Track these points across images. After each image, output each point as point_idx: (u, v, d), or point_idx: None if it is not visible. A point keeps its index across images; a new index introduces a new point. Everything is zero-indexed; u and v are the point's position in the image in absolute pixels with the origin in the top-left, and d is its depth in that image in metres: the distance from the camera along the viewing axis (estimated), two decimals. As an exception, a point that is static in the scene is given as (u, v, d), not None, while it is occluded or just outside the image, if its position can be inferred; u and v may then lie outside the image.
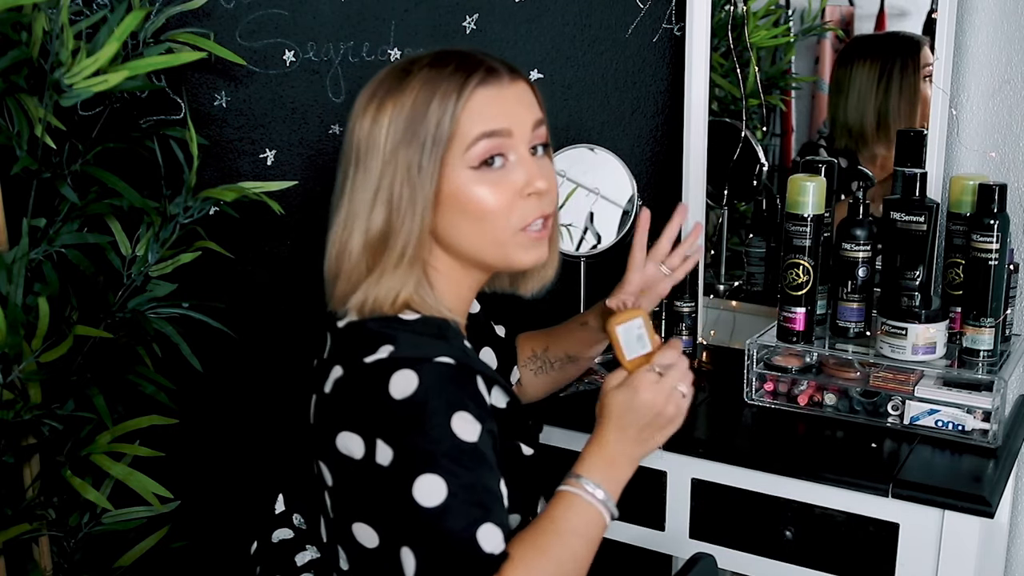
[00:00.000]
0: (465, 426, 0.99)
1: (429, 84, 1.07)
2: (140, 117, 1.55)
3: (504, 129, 1.08)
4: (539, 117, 1.12)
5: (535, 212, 1.10)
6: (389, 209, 1.07)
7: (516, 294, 1.28)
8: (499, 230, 1.09)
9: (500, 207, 1.08)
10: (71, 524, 1.47)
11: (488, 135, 1.07)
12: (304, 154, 1.67)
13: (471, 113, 1.06)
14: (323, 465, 1.08)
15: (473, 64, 1.09)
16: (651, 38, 1.81)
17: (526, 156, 1.10)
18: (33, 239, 1.37)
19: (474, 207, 1.08)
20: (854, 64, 1.71)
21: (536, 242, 1.12)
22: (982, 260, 1.42)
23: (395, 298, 1.07)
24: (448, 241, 1.11)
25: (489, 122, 1.07)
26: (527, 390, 1.46)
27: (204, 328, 1.49)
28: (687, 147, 1.77)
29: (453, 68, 1.08)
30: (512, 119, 1.09)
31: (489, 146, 1.07)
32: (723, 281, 1.88)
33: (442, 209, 1.08)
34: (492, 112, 1.07)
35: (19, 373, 1.32)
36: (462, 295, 1.16)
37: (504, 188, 1.08)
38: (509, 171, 1.09)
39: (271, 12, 1.59)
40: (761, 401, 1.52)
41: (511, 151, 1.09)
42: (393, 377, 0.99)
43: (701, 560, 1.25)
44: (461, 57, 1.10)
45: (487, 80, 1.08)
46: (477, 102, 1.07)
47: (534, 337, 1.47)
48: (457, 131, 1.06)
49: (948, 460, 1.36)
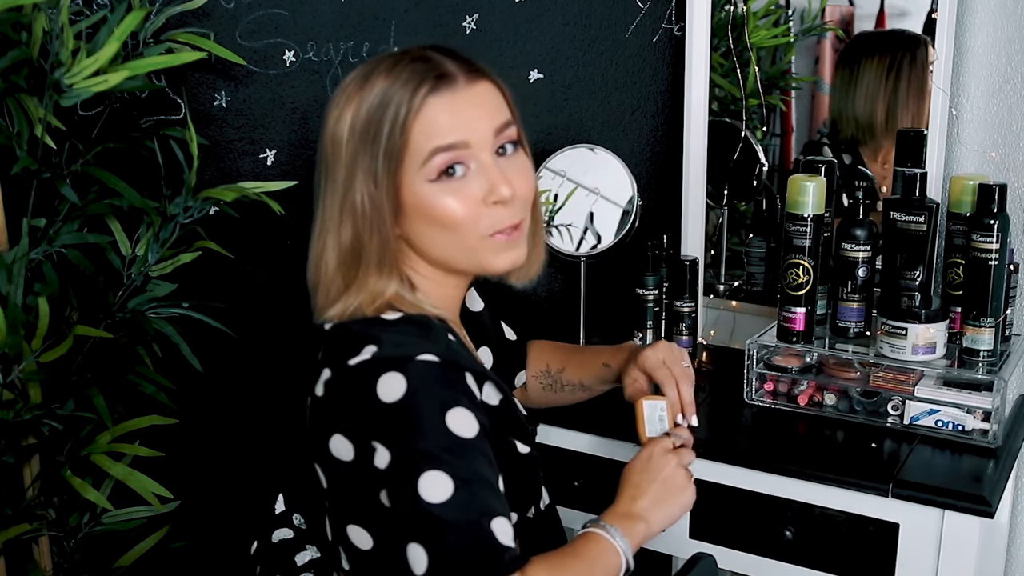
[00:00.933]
0: (460, 422, 0.99)
1: (384, 90, 1.05)
2: (140, 117, 1.54)
3: (459, 142, 1.05)
4: (504, 119, 1.09)
5: (504, 221, 1.08)
6: (355, 221, 1.06)
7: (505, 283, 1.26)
8: (468, 238, 1.07)
9: (466, 216, 1.06)
10: (71, 524, 1.47)
11: (444, 149, 1.04)
12: (304, 154, 1.67)
13: (423, 126, 1.04)
14: (318, 468, 1.08)
15: (425, 70, 1.05)
16: (651, 38, 1.81)
17: (488, 163, 1.06)
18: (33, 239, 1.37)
19: (440, 217, 1.06)
20: (861, 60, 1.71)
21: (508, 245, 1.09)
22: (982, 260, 1.42)
23: (376, 300, 1.07)
24: (420, 249, 1.10)
25: (443, 135, 1.04)
26: (531, 397, 1.46)
27: (204, 328, 1.49)
28: (687, 147, 1.77)
29: (407, 75, 1.05)
30: (468, 129, 1.05)
31: (445, 159, 1.05)
32: (723, 281, 1.88)
33: (409, 219, 1.08)
34: (445, 123, 1.04)
35: (19, 373, 1.32)
36: (446, 294, 1.16)
37: (466, 196, 1.06)
38: (470, 180, 1.06)
39: (271, 12, 1.59)
40: (761, 401, 1.52)
41: (471, 160, 1.06)
42: (380, 380, 0.99)
43: (701, 560, 1.25)
44: (416, 61, 1.06)
45: (438, 88, 1.04)
46: (429, 113, 1.04)
47: (552, 352, 1.46)
48: (409, 144, 1.04)
49: (948, 460, 1.36)
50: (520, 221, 1.10)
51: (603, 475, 1.52)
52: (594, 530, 1.09)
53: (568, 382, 1.43)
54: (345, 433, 1.02)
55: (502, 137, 1.08)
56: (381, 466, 0.98)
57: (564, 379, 1.43)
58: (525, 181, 1.11)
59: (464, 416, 1.00)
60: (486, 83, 1.09)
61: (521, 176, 1.10)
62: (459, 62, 1.08)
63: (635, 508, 1.13)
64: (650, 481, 1.15)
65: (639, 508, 1.13)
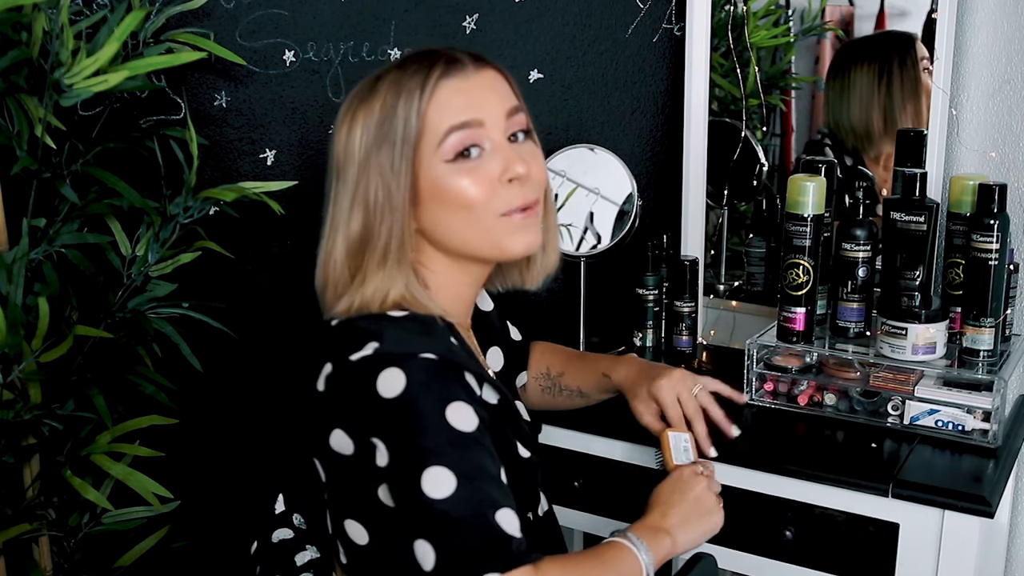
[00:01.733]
0: (460, 416, 0.99)
1: (395, 86, 1.07)
2: (140, 117, 1.54)
3: (474, 120, 1.07)
4: (513, 104, 1.11)
5: (518, 199, 1.09)
6: (365, 212, 1.07)
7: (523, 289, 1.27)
8: (483, 217, 1.08)
9: (481, 195, 1.07)
10: (71, 524, 1.47)
11: (458, 127, 1.06)
12: (304, 154, 1.67)
13: (438, 107, 1.06)
14: (317, 462, 1.08)
15: (435, 58, 1.08)
16: (651, 38, 1.81)
17: (502, 143, 1.09)
18: (33, 239, 1.37)
19: (455, 198, 1.07)
20: (851, 69, 1.71)
21: (524, 225, 1.10)
22: (982, 260, 1.42)
23: (384, 297, 1.07)
24: (436, 237, 1.11)
25: (457, 114, 1.06)
26: (530, 399, 1.46)
27: (204, 328, 1.49)
28: (687, 147, 1.77)
29: (416, 67, 1.07)
30: (481, 109, 1.07)
31: (461, 138, 1.06)
32: (723, 281, 1.88)
33: (424, 206, 1.08)
34: (459, 103, 1.07)
35: (19, 373, 1.32)
36: (460, 293, 1.16)
37: (482, 176, 1.07)
38: (485, 160, 1.08)
39: (271, 12, 1.59)
40: (761, 401, 1.52)
41: (485, 140, 1.08)
42: (380, 376, 0.99)
43: (701, 560, 1.25)
44: (423, 54, 1.09)
45: (449, 71, 1.07)
46: (442, 95, 1.06)
47: (554, 355, 1.46)
48: (426, 127, 1.06)
49: (948, 460, 1.36)
50: (535, 200, 1.11)
51: (603, 475, 1.52)
52: (619, 540, 1.10)
53: (567, 387, 1.44)
54: (345, 428, 1.02)
55: (513, 123, 1.10)
56: (381, 464, 0.99)
57: (563, 384, 1.44)
58: (539, 167, 1.13)
59: (464, 410, 1.00)
60: (493, 70, 1.11)
61: (534, 160, 1.12)
62: (465, 52, 1.11)
63: (664, 523, 1.15)
64: (681, 500, 1.19)
65: (668, 524, 1.16)
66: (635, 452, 1.47)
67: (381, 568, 1.05)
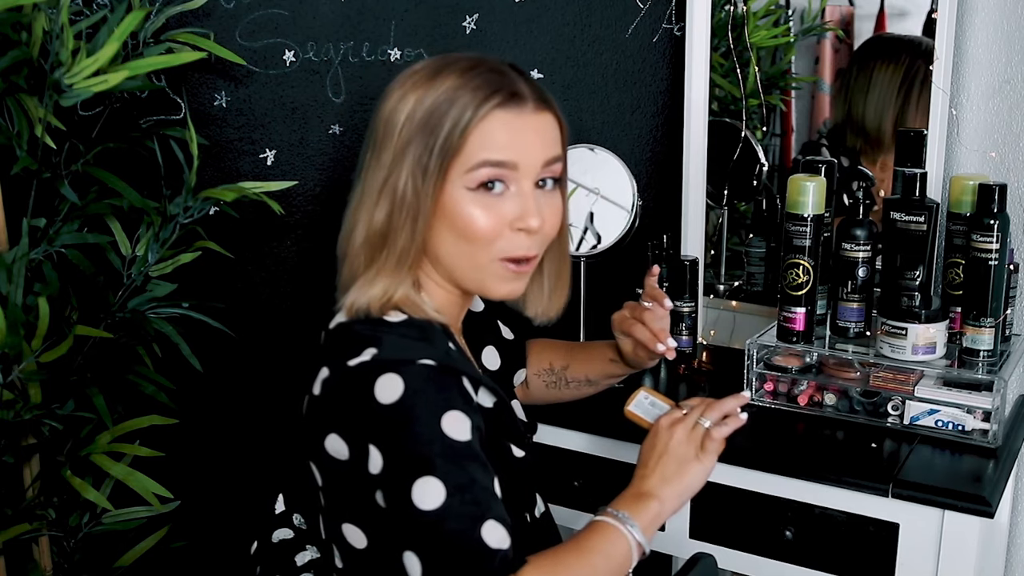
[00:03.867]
0: (455, 425, 0.99)
1: (454, 89, 1.05)
2: (140, 117, 1.55)
3: (509, 162, 1.06)
4: (556, 154, 1.10)
5: (519, 250, 1.08)
6: (392, 204, 1.06)
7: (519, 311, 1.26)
8: (480, 255, 1.08)
9: (487, 232, 1.06)
10: (71, 524, 1.47)
11: (492, 164, 1.05)
12: (304, 154, 1.67)
13: (482, 134, 1.05)
14: (313, 466, 1.08)
15: (500, 83, 1.06)
16: (651, 38, 1.81)
17: (527, 190, 1.08)
18: (33, 239, 1.37)
19: (463, 226, 1.06)
20: (876, 64, 1.70)
21: (515, 276, 1.10)
22: (982, 260, 1.42)
23: (385, 300, 1.07)
24: (433, 252, 1.11)
25: (497, 151, 1.05)
26: (533, 395, 1.46)
27: (204, 328, 1.49)
28: (687, 147, 1.77)
29: (480, 82, 1.06)
30: (522, 152, 1.06)
31: (491, 173, 1.05)
32: (723, 281, 1.88)
33: (437, 223, 1.08)
34: (503, 140, 1.05)
35: (19, 373, 1.32)
36: (453, 301, 1.16)
37: (495, 214, 1.06)
38: (506, 200, 1.07)
39: (271, 12, 1.59)
40: (761, 401, 1.52)
41: (513, 183, 1.07)
42: (378, 381, 0.99)
43: (701, 560, 1.25)
44: (493, 72, 1.07)
45: (508, 103, 1.05)
46: (491, 124, 1.05)
47: (554, 350, 1.46)
48: (465, 147, 1.05)
49: (948, 460, 1.36)
50: (534, 256, 1.11)
51: (603, 475, 1.52)
52: (600, 518, 1.08)
53: (573, 378, 1.44)
54: (341, 433, 1.02)
55: (548, 171, 1.10)
56: (374, 471, 0.99)
57: (569, 376, 1.44)
58: (554, 220, 1.12)
59: (460, 419, 1.00)
60: (550, 116, 1.10)
61: (552, 213, 1.11)
62: (532, 87, 1.09)
63: (645, 487, 1.12)
64: (657, 457, 1.14)
65: (650, 486, 1.12)
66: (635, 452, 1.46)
67: (378, 573, 1.05)
